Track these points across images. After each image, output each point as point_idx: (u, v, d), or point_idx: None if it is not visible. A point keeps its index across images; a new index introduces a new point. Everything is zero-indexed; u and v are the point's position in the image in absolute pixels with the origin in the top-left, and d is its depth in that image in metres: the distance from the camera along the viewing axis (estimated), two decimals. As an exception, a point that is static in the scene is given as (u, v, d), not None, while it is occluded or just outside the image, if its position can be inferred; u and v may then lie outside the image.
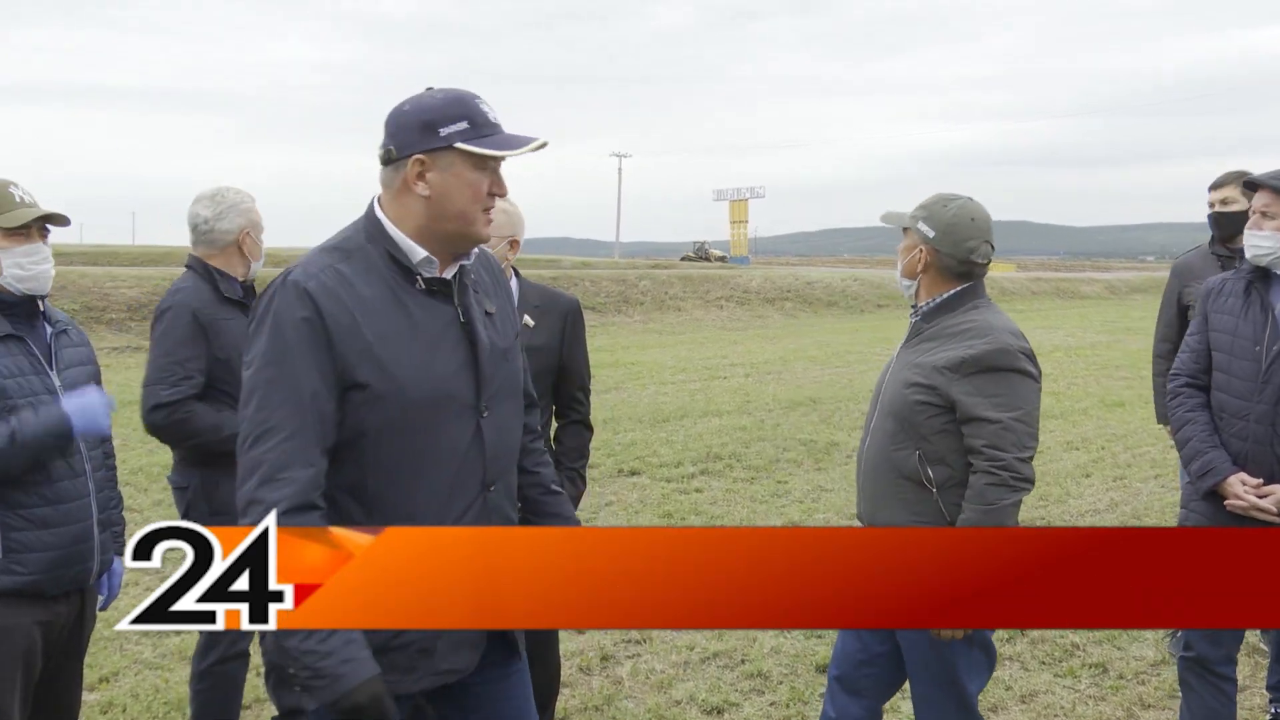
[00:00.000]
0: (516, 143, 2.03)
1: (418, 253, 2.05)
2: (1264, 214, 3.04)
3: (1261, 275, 3.09)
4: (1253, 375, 3.01)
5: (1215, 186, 4.50)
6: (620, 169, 70.00)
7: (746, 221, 57.53)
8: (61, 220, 2.71)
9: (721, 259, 53.68)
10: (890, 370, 2.85)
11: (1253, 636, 4.43)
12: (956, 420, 2.65)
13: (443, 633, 2.07)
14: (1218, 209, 4.46)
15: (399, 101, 2.06)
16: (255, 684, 4.09)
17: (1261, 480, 3.00)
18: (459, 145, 1.99)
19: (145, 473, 7.72)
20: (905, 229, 2.82)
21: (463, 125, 2.00)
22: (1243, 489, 3.00)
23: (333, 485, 1.99)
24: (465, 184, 2.02)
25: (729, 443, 9.15)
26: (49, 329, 2.73)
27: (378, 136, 2.08)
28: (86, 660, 4.29)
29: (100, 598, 2.91)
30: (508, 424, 2.17)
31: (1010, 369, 2.66)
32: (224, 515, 3.31)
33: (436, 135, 2.00)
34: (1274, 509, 2.97)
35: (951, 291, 2.77)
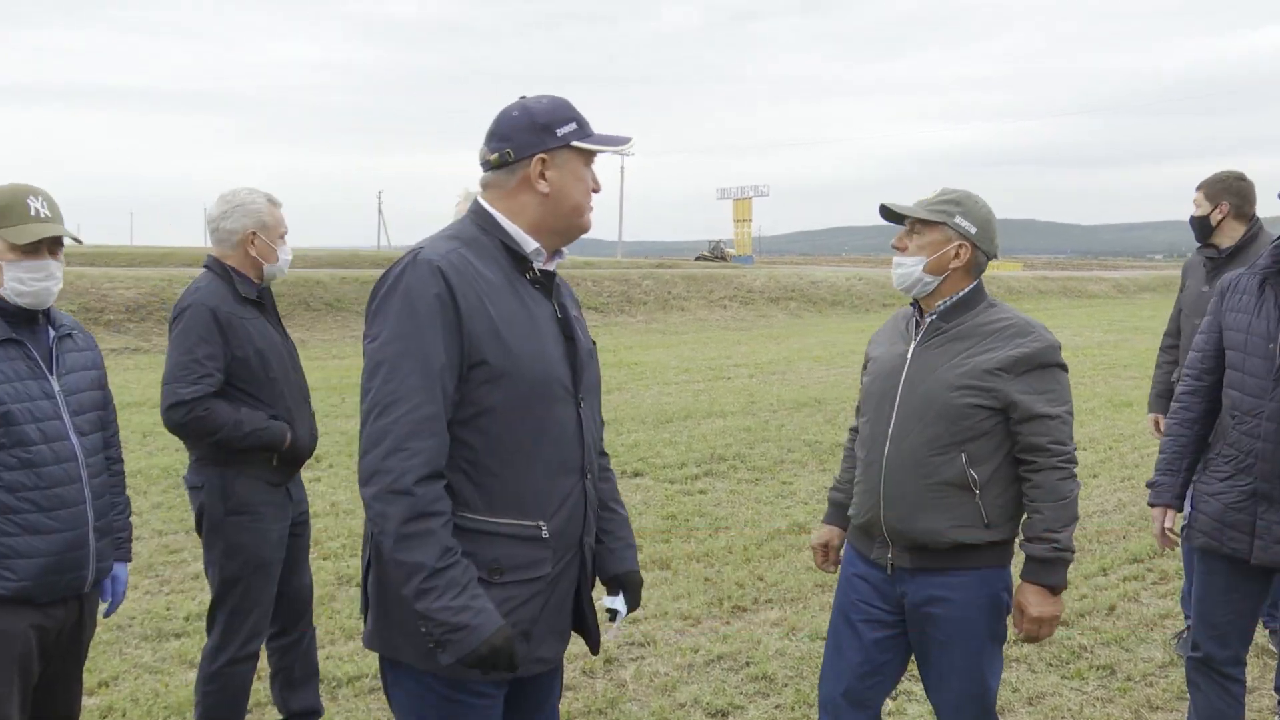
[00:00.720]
0: (619, 140, 2.22)
1: (530, 243, 2.17)
2: None
3: (1276, 273, 3.08)
4: (1266, 373, 3.01)
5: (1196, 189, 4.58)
6: (622, 168, 69.80)
7: (750, 220, 57.45)
8: (74, 239, 2.68)
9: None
10: (908, 372, 2.75)
11: (1261, 638, 4.41)
12: (1008, 420, 2.66)
13: (541, 618, 2.16)
14: (1192, 212, 4.54)
15: (505, 108, 2.20)
16: (255, 687, 4.07)
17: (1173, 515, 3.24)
18: (575, 144, 2.16)
19: (144, 475, 7.69)
20: (928, 223, 2.73)
21: (574, 126, 2.17)
22: (1156, 525, 3.26)
23: (447, 465, 2.06)
24: (579, 179, 2.19)
25: (733, 444, 9.11)
26: (52, 333, 2.69)
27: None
28: (86, 664, 4.28)
29: (104, 604, 2.88)
30: (596, 418, 2.31)
31: (1056, 364, 2.71)
32: (241, 514, 3.32)
33: (555, 135, 2.15)
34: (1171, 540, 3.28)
35: (969, 288, 2.76)
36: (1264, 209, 4.47)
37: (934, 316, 2.77)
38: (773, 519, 6.71)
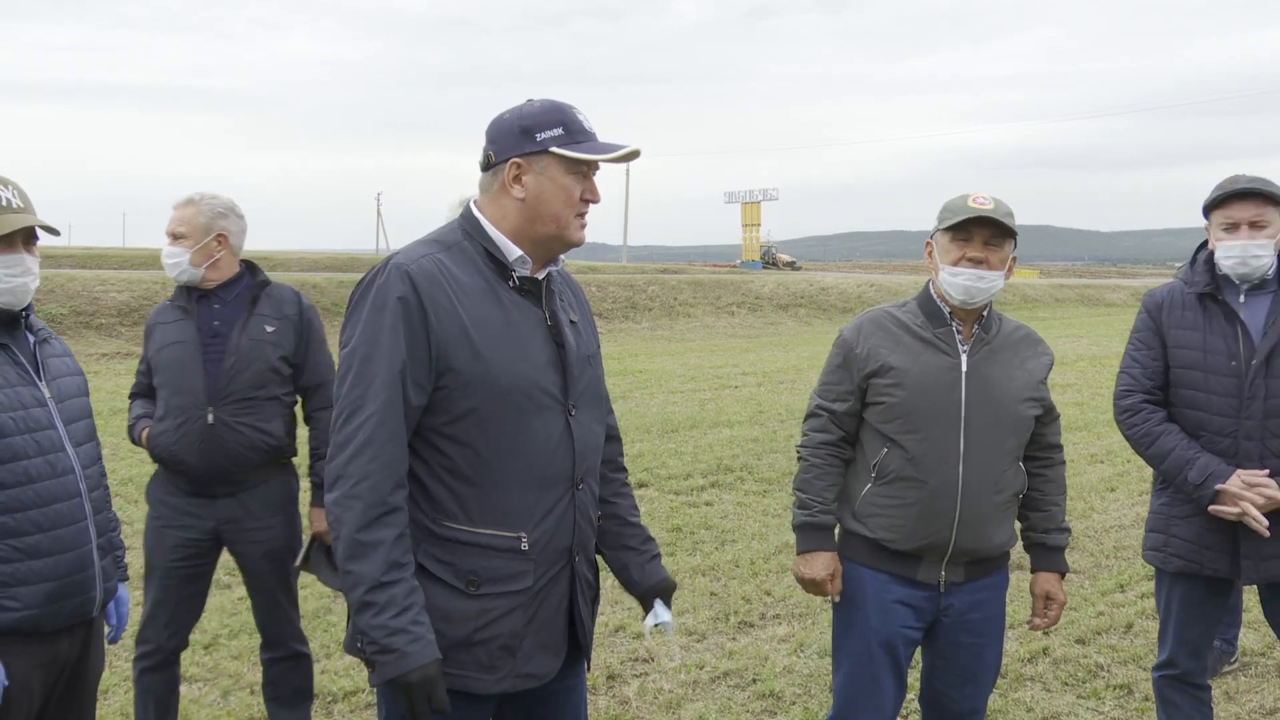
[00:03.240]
0: (607, 148, 2.13)
1: (513, 250, 2.14)
2: (1254, 224, 2.99)
3: (1214, 289, 3.05)
4: (1234, 391, 2.99)
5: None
6: (628, 170, 69.55)
7: (759, 225, 57.36)
8: (51, 230, 2.52)
9: (791, 264, 53.17)
10: (970, 387, 2.69)
11: (1278, 655, 4.32)
12: (1035, 423, 2.81)
13: (526, 632, 2.13)
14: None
15: (501, 111, 2.18)
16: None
17: (1269, 470, 2.96)
18: (554, 149, 2.09)
19: (135, 483, 7.53)
20: (1009, 236, 2.72)
21: (558, 131, 2.10)
22: (1242, 488, 2.94)
23: (426, 472, 2.08)
24: (559, 187, 2.11)
25: (740, 454, 9.01)
26: (31, 338, 2.53)
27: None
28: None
29: (109, 628, 2.68)
30: (593, 428, 2.25)
31: None
32: (149, 510, 3.50)
33: (533, 140, 2.10)
34: (1263, 521, 2.92)
35: None
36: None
37: (978, 327, 2.76)
38: (781, 532, 6.58)
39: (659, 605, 2.41)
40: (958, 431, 2.67)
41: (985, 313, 2.76)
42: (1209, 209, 3.07)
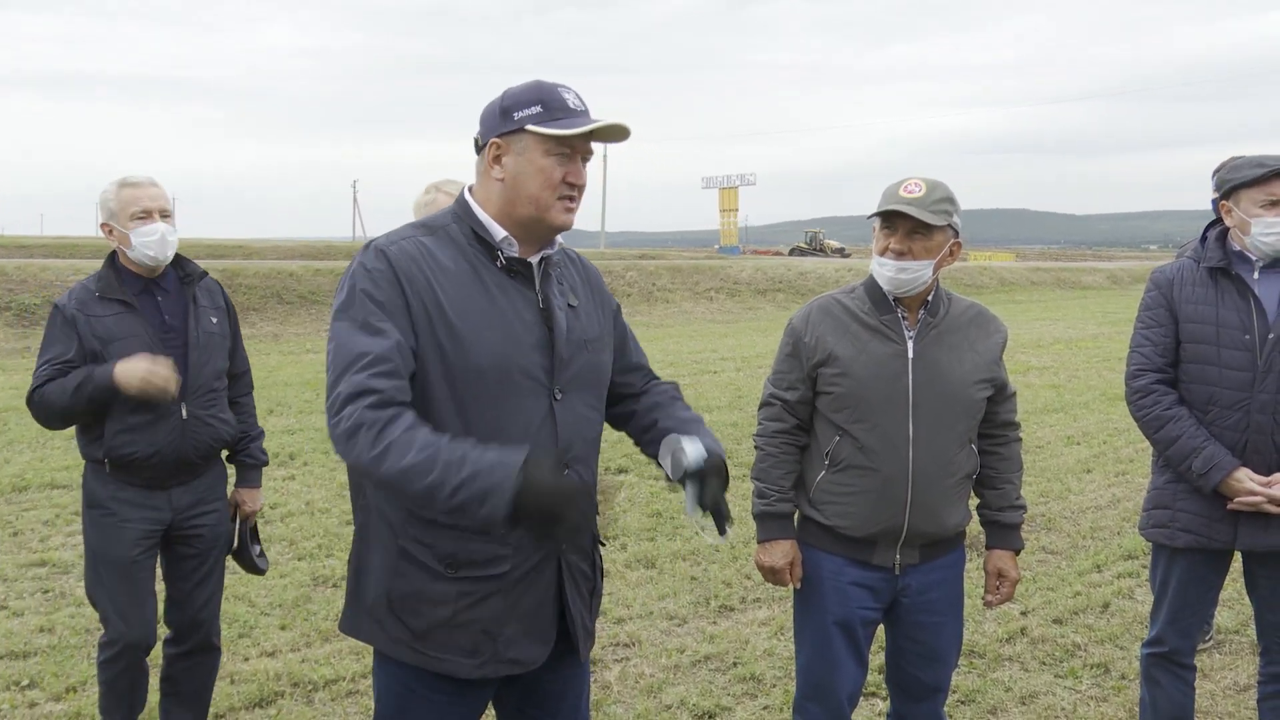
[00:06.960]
0: (581, 124, 2.05)
1: (499, 231, 2.10)
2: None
3: (1225, 265, 3.05)
4: (1247, 365, 2.99)
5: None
6: (605, 155, 69.45)
7: (736, 210, 57.43)
8: None
9: (840, 251, 52.95)
10: (917, 373, 2.68)
11: (1251, 633, 4.36)
12: (989, 401, 2.81)
13: (509, 619, 2.11)
14: None
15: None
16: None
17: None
18: (529, 128, 2.04)
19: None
20: (934, 226, 2.63)
21: (536, 109, 2.05)
22: (1253, 483, 2.97)
23: None
24: (537, 169, 2.06)
25: (720, 439, 8.95)
26: None
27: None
28: (52, 669, 4.16)
29: None
30: (584, 414, 2.20)
31: None
32: (93, 509, 3.33)
33: (511, 119, 2.07)
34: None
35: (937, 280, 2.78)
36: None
37: (924, 312, 2.74)
38: (760, 515, 6.62)
39: (693, 443, 2.27)
40: (906, 419, 2.66)
41: (931, 296, 2.73)
42: (1239, 187, 3.02)
